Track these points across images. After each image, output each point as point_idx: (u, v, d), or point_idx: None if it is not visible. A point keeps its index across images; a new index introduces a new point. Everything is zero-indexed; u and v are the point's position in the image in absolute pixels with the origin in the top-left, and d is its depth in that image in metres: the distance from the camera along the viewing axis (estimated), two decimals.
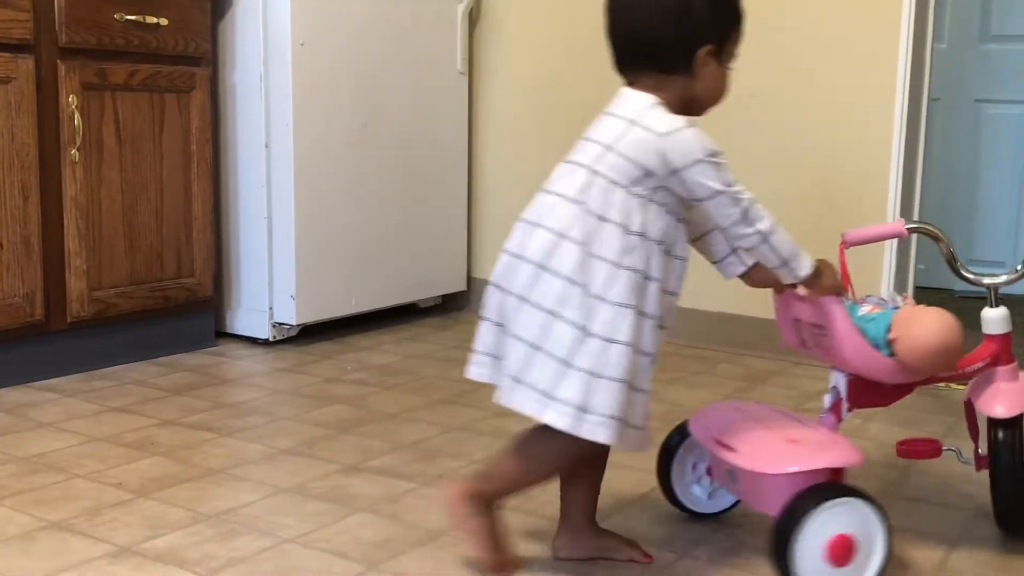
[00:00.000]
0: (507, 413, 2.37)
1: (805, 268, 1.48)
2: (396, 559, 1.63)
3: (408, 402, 2.48)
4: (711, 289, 3.11)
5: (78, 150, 2.55)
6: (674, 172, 1.39)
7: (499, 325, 1.47)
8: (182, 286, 2.84)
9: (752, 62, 3.02)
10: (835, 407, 1.63)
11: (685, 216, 1.48)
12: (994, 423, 1.66)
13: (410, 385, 2.63)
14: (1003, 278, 1.74)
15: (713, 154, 1.40)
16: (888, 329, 1.53)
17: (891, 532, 1.50)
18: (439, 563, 1.62)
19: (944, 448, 1.76)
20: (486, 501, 1.51)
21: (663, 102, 1.43)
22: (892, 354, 1.53)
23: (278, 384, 2.64)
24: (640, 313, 1.40)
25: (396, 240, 3.22)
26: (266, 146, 2.91)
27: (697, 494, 1.78)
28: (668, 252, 1.45)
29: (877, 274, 2.84)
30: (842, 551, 1.46)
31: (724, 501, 1.79)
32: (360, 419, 2.34)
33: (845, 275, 1.62)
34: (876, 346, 1.53)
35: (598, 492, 1.64)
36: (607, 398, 1.38)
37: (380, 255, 3.17)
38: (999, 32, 4.07)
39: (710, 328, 3.04)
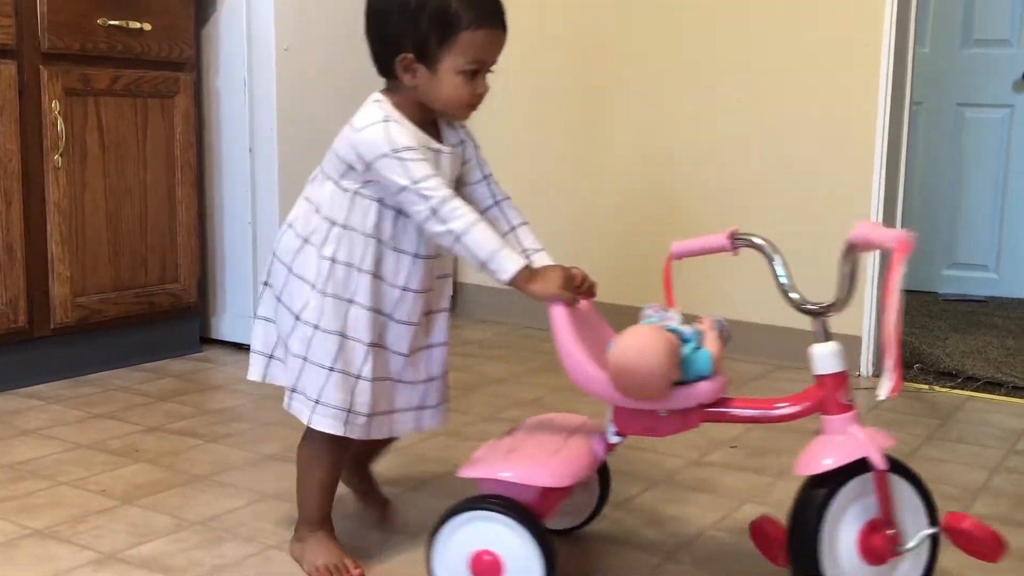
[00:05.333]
0: (493, 418, 2.38)
1: (506, 272, 1.42)
2: (383, 565, 1.63)
3: None
4: (694, 294, 3.12)
5: (61, 156, 2.54)
6: (368, 166, 1.45)
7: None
8: (167, 292, 2.83)
9: (735, 66, 3.04)
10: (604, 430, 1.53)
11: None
12: (808, 480, 1.40)
13: None
14: (831, 303, 1.45)
15: (398, 150, 1.43)
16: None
17: (552, 563, 1.39)
18: (424, 565, 1.61)
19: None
20: (311, 525, 1.59)
21: (391, 102, 1.49)
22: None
23: (263, 390, 2.62)
24: (347, 302, 1.48)
25: None
26: (250, 151, 2.91)
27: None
28: (387, 245, 1.49)
29: (862, 278, 2.85)
30: (483, 569, 1.41)
31: (569, 520, 1.73)
32: None
33: (668, 287, 1.60)
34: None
35: (371, 461, 1.77)
36: (314, 382, 1.48)
37: None
38: (981, 36, 4.10)
39: None
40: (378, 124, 1.45)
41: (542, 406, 2.49)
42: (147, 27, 2.68)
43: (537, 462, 1.44)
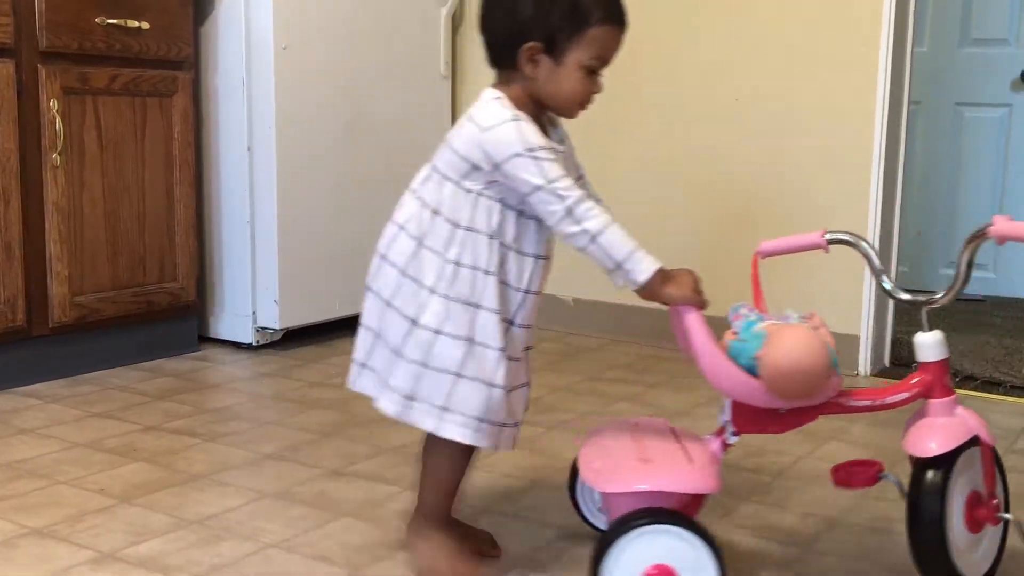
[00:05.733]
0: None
1: (643, 273, 1.40)
2: (379, 563, 1.63)
3: None
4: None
5: (59, 155, 2.54)
6: (496, 166, 1.40)
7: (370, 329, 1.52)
8: (165, 291, 2.83)
9: (734, 65, 3.04)
10: (721, 429, 1.51)
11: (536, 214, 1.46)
12: (919, 462, 1.46)
13: None
14: (937, 297, 1.52)
15: (532, 149, 1.38)
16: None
17: (724, 570, 1.38)
18: None
19: (882, 476, 1.60)
20: (432, 522, 1.55)
21: (508, 97, 1.44)
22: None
23: (262, 389, 2.63)
24: (474, 307, 1.42)
25: None
26: (249, 149, 2.91)
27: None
28: (510, 248, 1.45)
29: (859, 278, 2.85)
30: None
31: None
32: (344, 423, 2.34)
33: (756, 288, 1.57)
34: (752, 366, 1.40)
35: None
36: (434, 388, 1.43)
37: (364, 258, 3.13)
38: (979, 36, 4.10)
39: None
40: (509, 123, 1.40)
41: (542, 406, 2.49)
42: (145, 26, 2.68)
43: (687, 470, 1.42)
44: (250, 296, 2.96)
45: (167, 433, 2.25)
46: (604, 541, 1.38)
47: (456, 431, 1.44)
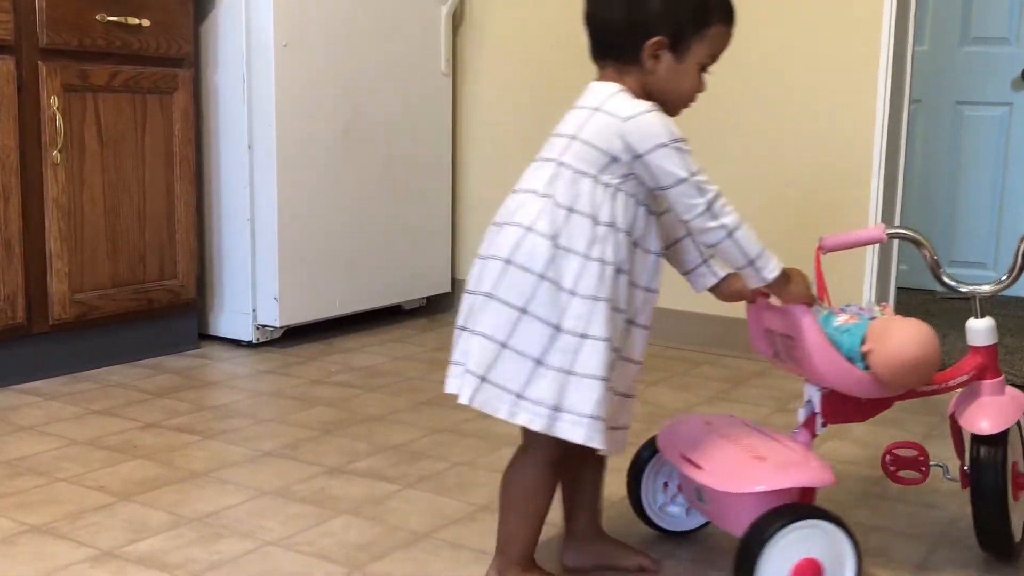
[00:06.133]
0: (488, 416, 2.38)
1: (773, 270, 1.40)
2: (379, 561, 1.63)
3: (392, 404, 2.48)
4: (692, 290, 3.11)
5: (60, 152, 2.53)
6: (637, 157, 1.35)
7: (463, 329, 1.44)
8: (165, 288, 2.83)
9: (734, 64, 3.03)
10: (809, 422, 1.55)
11: (657, 212, 1.45)
12: (977, 439, 1.57)
13: (394, 387, 2.63)
14: (987, 288, 1.62)
15: (677, 139, 1.36)
16: (863, 341, 1.45)
17: (861, 557, 1.44)
18: (422, 565, 1.62)
19: (931, 464, 1.70)
20: (522, 565, 1.47)
21: (627, 91, 1.40)
22: (866, 367, 1.45)
23: (261, 386, 2.63)
24: (614, 308, 1.37)
25: (380, 241, 3.22)
26: (249, 147, 2.91)
27: (674, 513, 1.72)
28: (637, 244, 1.41)
29: (859, 276, 2.85)
30: None
31: (699, 518, 1.73)
32: (344, 421, 2.34)
33: (821, 283, 1.58)
34: (851, 359, 1.46)
35: (600, 498, 1.62)
36: (585, 397, 1.34)
37: (364, 256, 3.17)
38: (979, 35, 4.10)
39: (693, 329, 3.05)
40: (651, 112, 1.36)
41: None
42: (146, 23, 2.68)
43: (809, 465, 1.46)
44: (250, 293, 2.96)
45: (167, 430, 2.25)
46: (757, 540, 1.38)
47: (599, 439, 1.36)
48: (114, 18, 2.61)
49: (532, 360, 1.35)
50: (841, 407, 1.54)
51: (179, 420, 2.32)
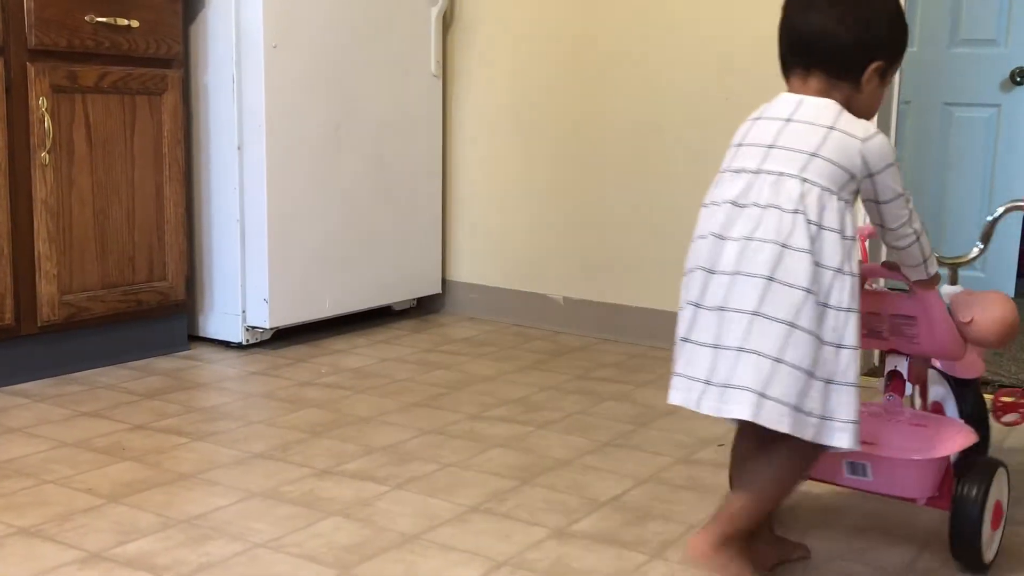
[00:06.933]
0: (481, 417, 2.39)
1: (935, 268, 1.57)
2: (369, 563, 1.63)
3: (382, 405, 2.48)
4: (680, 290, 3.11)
5: (48, 153, 2.53)
6: (870, 175, 1.44)
7: (716, 347, 1.44)
8: (154, 290, 2.82)
9: (723, 64, 3.05)
10: (897, 386, 1.69)
11: None
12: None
13: (384, 388, 2.63)
14: (964, 256, 1.89)
15: (896, 158, 1.47)
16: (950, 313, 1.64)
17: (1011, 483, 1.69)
18: (411, 567, 1.62)
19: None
20: (736, 544, 1.48)
21: (841, 107, 1.47)
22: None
23: (251, 388, 2.63)
24: (858, 314, 1.44)
25: (370, 242, 3.22)
26: (239, 148, 2.90)
27: None
28: None
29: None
30: (998, 516, 1.63)
31: None
32: (334, 423, 2.34)
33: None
34: None
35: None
36: (845, 404, 1.41)
37: (354, 257, 3.17)
38: (968, 36, 4.11)
39: None
40: (880, 134, 1.45)
41: (530, 404, 2.49)
42: (135, 24, 2.67)
43: (958, 425, 1.67)
44: (240, 295, 2.96)
45: (156, 432, 2.24)
46: (976, 497, 1.57)
47: (857, 442, 1.43)
48: (103, 19, 2.60)
49: (805, 373, 1.39)
50: (920, 372, 1.73)
51: (168, 422, 2.32)
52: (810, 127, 1.44)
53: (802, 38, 1.48)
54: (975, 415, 1.84)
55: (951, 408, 1.87)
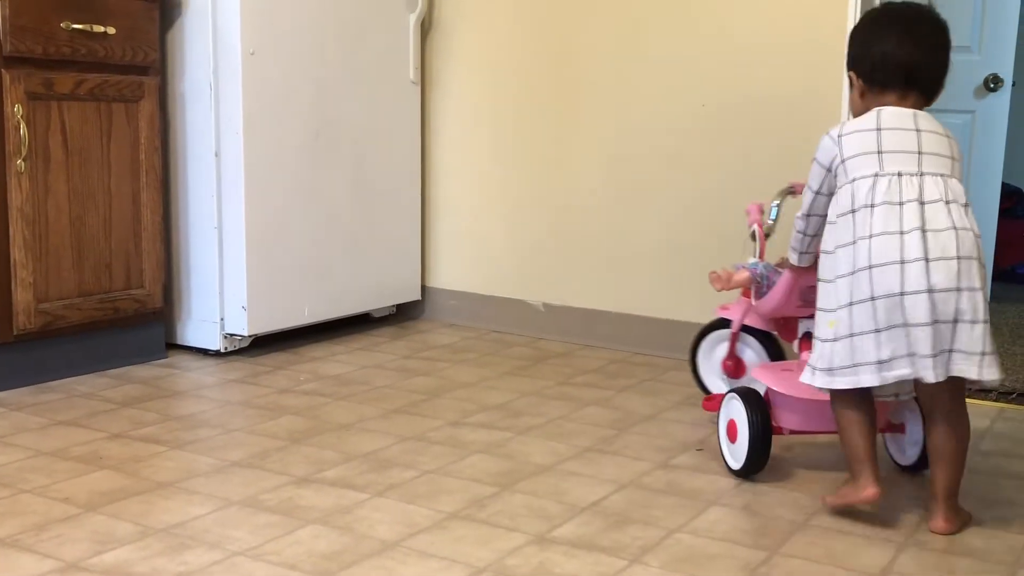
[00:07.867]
0: (461, 423, 2.38)
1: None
2: (348, 570, 1.62)
3: (361, 412, 2.47)
4: (660, 296, 3.13)
5: (24, 160, 2.51)
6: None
7: (937, 323, 1.72)
8: (131, 297, 2.81)
9: (703, 72, 3.06)
10: (805, 345, 2.07)
11: None
12: None
13: (364, 395, 2.62)
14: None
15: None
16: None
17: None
18: (391, 574, 1.61)
19: None
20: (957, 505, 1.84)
21: None
22: None
23: (229, 396, 2.62)
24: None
25: (349, 249, 3.21)
26: (216, 155, 2.89)
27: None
28: None
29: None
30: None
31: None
32: (313, 430, 2.33)
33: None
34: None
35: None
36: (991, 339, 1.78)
37: (333, 265, 3.16)
38: None
39: (659, 335, 3.06)
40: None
41: (511, 410, 2.49)
42: (111, 31, 2.66)
43: None
44: (218, 302, 2.95)
45: (133, 441, 2.23)
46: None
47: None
48: (79, 26, 2.59)
49: (983, 323, 1.75)
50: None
51: (146, 430, 2.30)
52: (937, 136, 1.83)
53: (928, 71, 1.85)
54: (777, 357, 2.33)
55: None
